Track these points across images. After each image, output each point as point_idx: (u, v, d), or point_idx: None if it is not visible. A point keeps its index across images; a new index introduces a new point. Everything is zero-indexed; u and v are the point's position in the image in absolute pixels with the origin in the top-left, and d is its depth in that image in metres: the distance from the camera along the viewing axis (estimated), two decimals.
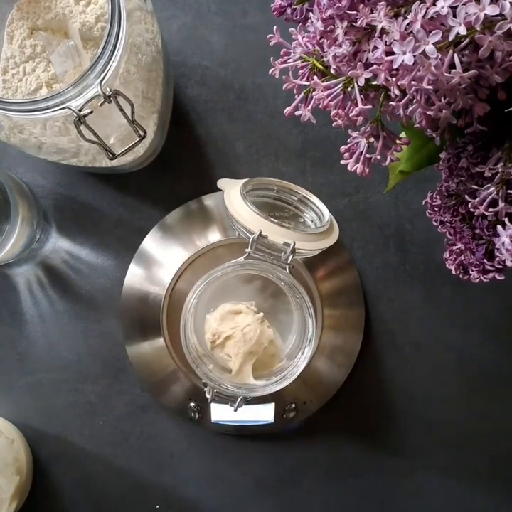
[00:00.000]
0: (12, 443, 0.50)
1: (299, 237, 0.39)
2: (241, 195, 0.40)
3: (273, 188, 0.46)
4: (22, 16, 0.43)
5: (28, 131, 0.40)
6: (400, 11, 0.25)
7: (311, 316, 0.38)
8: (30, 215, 0.49)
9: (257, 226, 0.38)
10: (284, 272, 0.38)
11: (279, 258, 0.38)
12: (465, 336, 0.53)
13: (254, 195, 0.43)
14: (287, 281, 0.39)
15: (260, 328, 0.41)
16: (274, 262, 0.38)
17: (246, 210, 0.39)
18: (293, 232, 0.39)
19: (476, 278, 0.32)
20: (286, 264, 0.38)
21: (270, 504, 0.54)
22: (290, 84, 0.30)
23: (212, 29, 0.53)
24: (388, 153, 0.30)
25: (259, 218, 0.39)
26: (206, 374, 0.39)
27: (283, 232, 0.39)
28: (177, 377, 0.50)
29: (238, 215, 0.39)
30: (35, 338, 0.53)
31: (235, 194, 0.41)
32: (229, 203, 0.41)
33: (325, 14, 0.27)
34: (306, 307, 0.38)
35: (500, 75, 0.25)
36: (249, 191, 0.42)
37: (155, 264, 0.51)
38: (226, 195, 0.42)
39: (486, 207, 0.29)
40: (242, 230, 0.40)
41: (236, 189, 0.41)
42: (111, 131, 0.41)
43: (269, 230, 0.38)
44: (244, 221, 0.39)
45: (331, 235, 0.42)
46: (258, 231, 0.38)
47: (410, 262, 0.53)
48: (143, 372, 0.52)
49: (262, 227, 0.38)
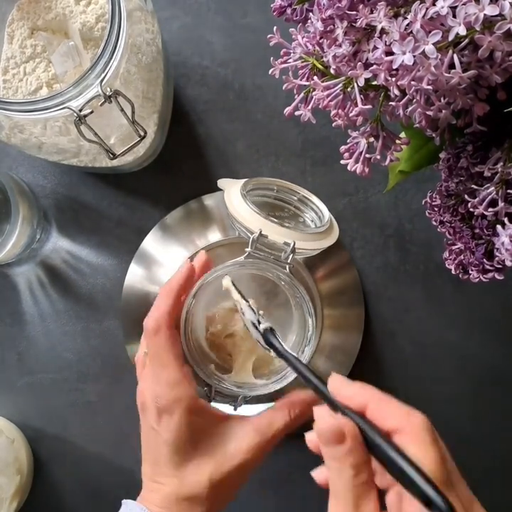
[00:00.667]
0: (12, 443, 0.50)
1: (299, 236, 0.39)
2: (241, 195, 0.40)
3: (273, 188, 0.46)
4: (22, 16, 0.43)
5: (28, 131, 0.40)
6: (400, 11, 0.25)
7: (311, 316, 0.38)
8: (31, 214, 0.49)
9: (257, 225, 0.38)
10: (284, 272, 0.38)
11: (279, 258, 0.39)
12: (465, 335, 0.53)
13: (254, 194, 0.43)
14: (287, 280, 0.39)
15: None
16: (274, 262, 0.38)
17: (246, 209, 0.39)
18: (293, 232, 0.39)
19: (476, 278, 0.32)
20: (287, 263, 0.38)
21: (270, 504, 0.54)
22: (290, 85, 0.30)
23: (212, 29, 0.53)
24: (388, 153, 0.30)
25: (260, 218, 0.39)
26: (206, 373, 0.39)
27: (283, 231, 0.39)
28: None
29: (238, 214, 0.39)
30: (35, 338, 0.53)
31: (235, 193, 0.41)
32: (229, 202, 0.41)
33: (325, 14, 0.27)
34: (306, 307, 0.39)
35: (499, 75, 0.25)
36: (250, 191, 0.42)
37: (155, 264, 0.52)
38: (226, 194, 0.42)
39: (485, 207, 0.29)
40: (242, 229, 0.40)
41: (236, 189, 0.41)
42: (111, 131, 0.41)
43: (269, 230, 0.38)
44: (245, 220, 0.39)
45: (330, 235, 0.42)
46: (258, 230, 0.38)
47: (410, 261, 0.53)
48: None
49: (262, 226, 0.38)
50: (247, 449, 0.36)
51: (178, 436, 0.36)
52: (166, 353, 0.36)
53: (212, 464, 0.36)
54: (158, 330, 0.37)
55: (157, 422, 0.36)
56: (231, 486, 0.37)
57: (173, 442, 0.36)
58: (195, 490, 0.36)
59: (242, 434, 0.37)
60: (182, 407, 0.36)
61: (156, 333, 0.37)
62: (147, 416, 0.37)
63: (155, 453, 0.37)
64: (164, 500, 0.36)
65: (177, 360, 0.37)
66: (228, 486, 0.37)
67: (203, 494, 0.36)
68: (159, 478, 0.37)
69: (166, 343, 0.36)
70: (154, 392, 0.36)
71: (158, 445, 0.37)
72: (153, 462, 0.37)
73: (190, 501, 0.36)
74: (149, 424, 0.37)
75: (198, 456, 0.36)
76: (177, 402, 0.36)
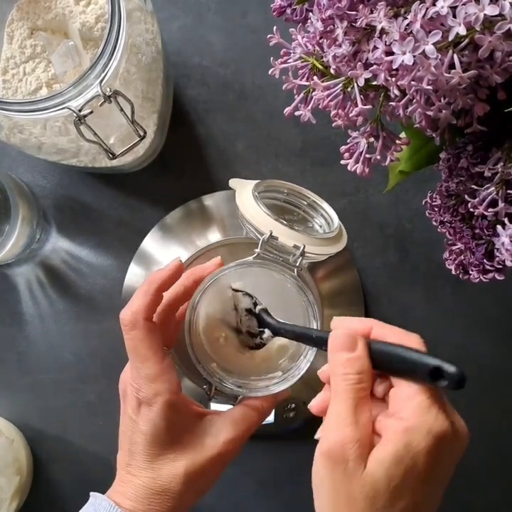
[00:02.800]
0: (12, 443, 0.50)
1: (309, 240, 0.39)
2: (253, 196, 0.40)
3: (283, 191, 0.46)
4: (22, 16, 0.43)
5: (28, 131, 0.40)
6: (400, 11, 0.25)
7: (316, 320, 0.38)
8: (31, 215, 0.49)
9: (268, 227, 0.38)
10: (292, 274, 0.39)
11: (287, 260, 0.39)
12: (465, 335, 0.53)
13: (264, 196, 0.43)
14: (295, 283, 0.39)
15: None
16: (282, 264, 0.39)
17: (257, 210, 0.39)
18: (303, 236, 0.39)
19: (476, 278, 0.32)
20: (295, 266, 0.38)
21: (270, 504, 0.54)
22: (290, 85, 0.30)
23: (212, 29, 0.53)
24: (388, 153, 0.30)
25: (270, 219, 0.39)
26: (208, 371, 0.39)
27: (293, 234, 0.39)
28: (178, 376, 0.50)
29: (249, 215, 0.39)
30: (35, 338, 0.53)
31: (247, 194, 0.41)
32: (240, 202, 0.41)
33: (325, 14, 0.27)
34: (311, 310, 0.39)
35: (499, 75, 0.25)
36: (260, 192, 0.43)
37: (155, 264, 0.51)
38: (238, 194, 0.42)
39: (485, 207, 0.29)
40: (252, 230, 0.40)
41: (248, 189, 0.41)
42: (111, 131, 0.41)
43: (279, 232, 0.38)
44: (255, 221, 0.39)
45: (339, 241, 0.42)
46: (269, 232, 0.38)
47: (410, 261, 0.53)
48: None
49: (272, 228, 0.38)
50: (223, 441, 0.37)
51: (156, 429, 0.36)
52: (145, 346, 0.36)
53: (188, 458, 0.36)
54: (136, 323, 0.36)
55: (136, 411, 0.36)
56: (206, 479, 0.37)
57: (151, 434, 0.36)
58: (170, 485, 0.36)
59: (219, 428, 0.37)
60: (161, 401, 0.36)
61: (134, 326, 0.36)
62: (127, 404, 0.37)
63: (131, 442, 0.37)
64: (136, 493, 0.36)
65: (157, 353, 0.36)
66: (203, 480, 0.37)
67: (177, 488, 0.36)
68: (133, 470, 0.36)
69: (144, 337, 0.36)
70: (134, 384, 0.36)
71: (134, 434, 0.36)
72: (128, 451, 0.37)
73: (162, 496, 0.36)
74: (128, 412, 0.37)
75: (175, 451, 0.36)
76: (156, 395, 0.36)
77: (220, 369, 0.40)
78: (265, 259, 0.38)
